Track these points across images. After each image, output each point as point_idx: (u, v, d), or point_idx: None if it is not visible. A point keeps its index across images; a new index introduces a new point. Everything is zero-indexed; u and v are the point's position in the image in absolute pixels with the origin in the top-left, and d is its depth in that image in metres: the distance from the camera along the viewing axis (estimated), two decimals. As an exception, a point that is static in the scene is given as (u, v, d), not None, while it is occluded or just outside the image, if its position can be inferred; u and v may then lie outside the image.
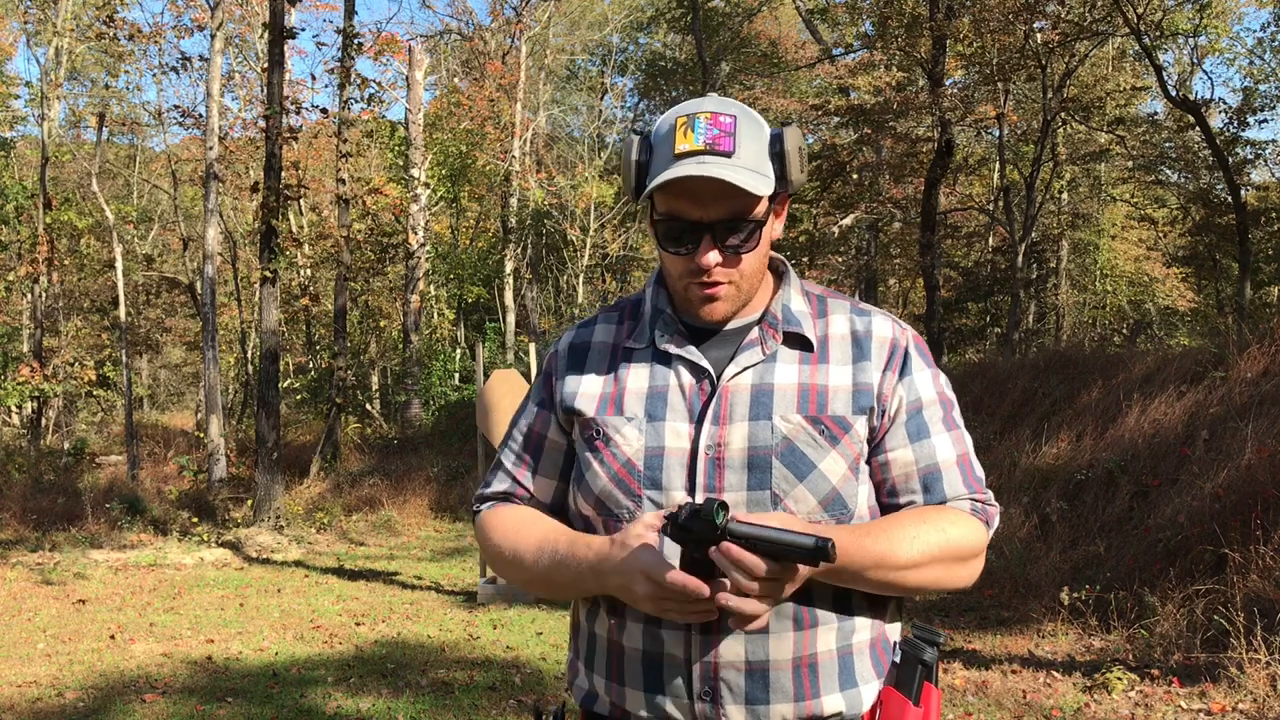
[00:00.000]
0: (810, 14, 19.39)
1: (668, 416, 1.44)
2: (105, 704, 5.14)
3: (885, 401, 1.46)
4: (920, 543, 1.40)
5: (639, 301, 1.58)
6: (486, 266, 22.39)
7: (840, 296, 1.55)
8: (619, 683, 1.45)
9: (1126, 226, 23.43)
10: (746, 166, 1.38)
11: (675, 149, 1.39)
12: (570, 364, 1.55)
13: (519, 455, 1.59)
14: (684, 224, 1.41)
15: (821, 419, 1.42)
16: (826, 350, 1.47)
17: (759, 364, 1.45)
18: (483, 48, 24.93)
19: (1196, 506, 6.31)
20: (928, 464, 1.46)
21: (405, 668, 5.76)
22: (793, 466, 1.40)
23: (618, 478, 1.44)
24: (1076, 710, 4.62)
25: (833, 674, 1.41)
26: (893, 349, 1.48)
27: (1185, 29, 14.16)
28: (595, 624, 1.49)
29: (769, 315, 1.49)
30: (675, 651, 1.40)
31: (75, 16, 18.50)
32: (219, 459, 14.09)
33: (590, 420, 1.48)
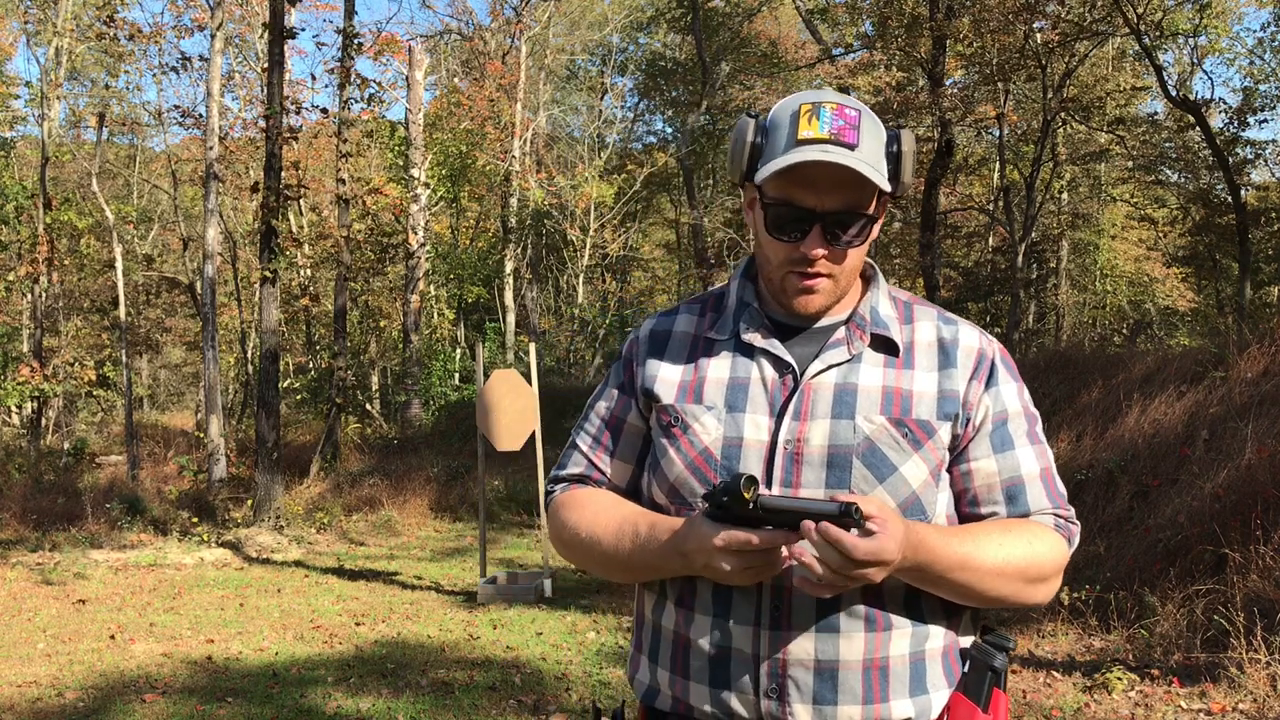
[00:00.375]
0: (810, 14, 19.38)
1: (748, 408, 1.44)
2: (105, 704, 5.15)
3: (971, 410, 1.45)
4: (1005, 551, 1.40)
5: (722, 294, 1.57)
6: (486, 266, 22.39)
7: (926, 304, 1.54)
8: (683, 677, 1.44)
9: (1126, 226, 23.44)
10: (868, 161, 1.37)
11: (799, 134, 1.37)
12: (651, 350, 1.54)
13: (595, 438, 1.58)
14: (796, 211, 1.39)
15: (905, 422, 1.41)
16: (912, 355, 1.47)
17: (844, 364, 1.44)
18: (483, 48, 24.93)
19: (1196, 506, 6.31)
20: (1011, 475, 1.46)
21: (405, 668, 5.76)
22: (873, 467, 1.39)
23: (694, 466, 1.44)
24: (1076, 710, 4.62)
25: (904, 679, 1.40)
26: (979, 359, 1.48)
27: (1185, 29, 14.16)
28: (662, 617, 1.48)
29: (856, 316, 1.48)
30: (744, 647, 1.39)
31: (75, 16, 18.50)
32: (219, 459, 14.09)
33: (668, 407, 1.48)
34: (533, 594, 7.61)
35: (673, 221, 29.50)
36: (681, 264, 28.48)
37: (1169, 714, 4.51)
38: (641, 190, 25.24)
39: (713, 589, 1.40)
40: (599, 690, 5.24)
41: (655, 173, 24.96)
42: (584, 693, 5.21)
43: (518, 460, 12.63)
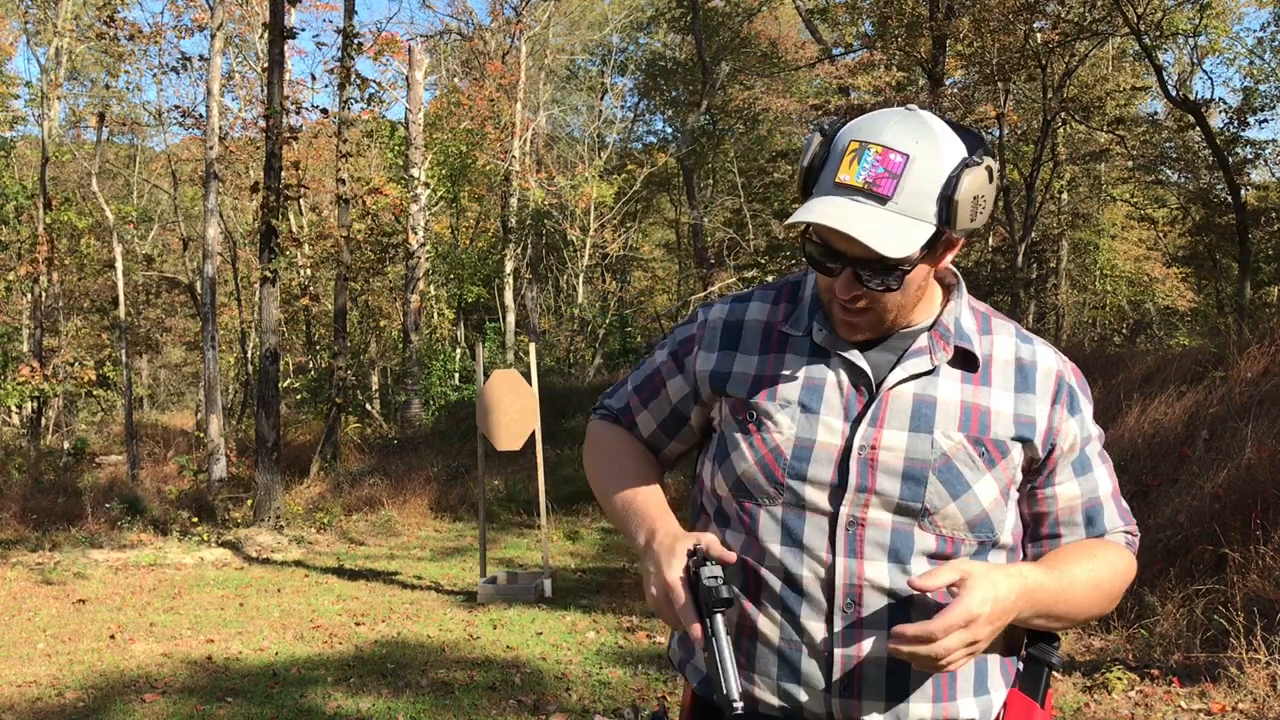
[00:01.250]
0: (810, 14, 19.39)
1: (822, 411, 1.43)
2: (105, 704, 5.15)
3: (1056, 437, 1.46)
4: (1095, 578, 1.44)
5: (799, 284, 1.55)
6: (486, 266, 22.39)
7: (1004, 318, 1.53)
8: (749, 668, 1.44)
9: (1126, 226, 23.44)
10: (902, 213, 1.32)
11: (837, 176, 1.35)
12: (724, 340, 1.53)
13: (640, 385, 1.65)
14: (829, 252, 1.38)
15: (983, 440, 1.41)
16: (989, 372, 1.46)
17: (923, 375, 1.44)
18: (483, 48, 24.93)
19: (1196, 506, 6.31)
20: (1090, 498, 1.49)
21: (405, 668, 5.76)
22: (948, 484, 1.39)
23: (764, 463, 1.43)
24: (1076, 710, 4.62)
25: (969, 679, 1.43)
26: (1059, 383, 1.48)
27: (1185, 29, 14.17)
28: None
29: (940, 325, 1.46)
30: (816, 644, 1.40)
31: (75, 16, 18.51)
32: (219, 459, 14.09)
33: (743, 402, 1.47)
34: (533, 594, 7.61)
35: (673, 221, 29.51)
36: (681, 264, 28.50)
37: (1169, 714, 4.51)
38: (641, 190, 25.23)
39: (782, 583, 1.42)
40: (599, 690, 5.24)
41: (655, 173, 24.97)
42: (584, 693, 5.21)
43: (518, 460, 12.64)
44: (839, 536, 1.39)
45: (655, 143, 28.31)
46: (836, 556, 1.39)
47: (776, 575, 1.42)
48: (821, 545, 1.40)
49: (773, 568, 1.42)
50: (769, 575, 1.43)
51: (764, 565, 1.43)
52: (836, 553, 1.39)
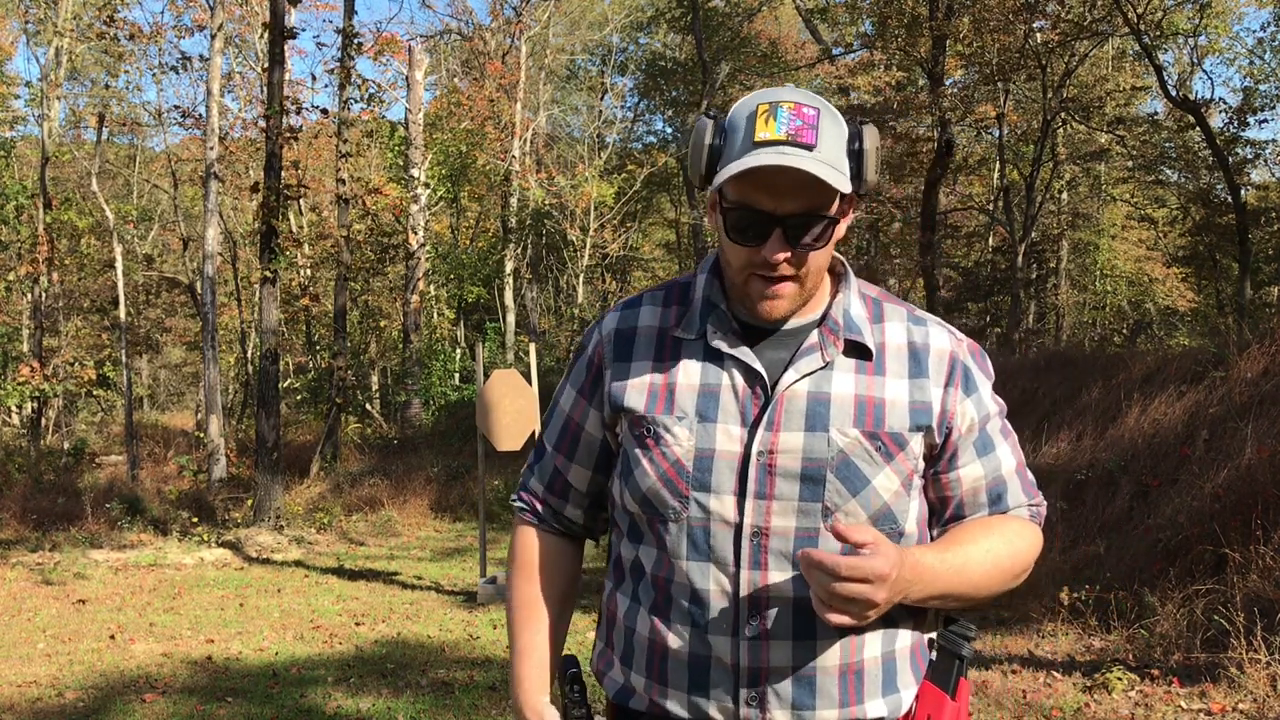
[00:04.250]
0: (810, 14, 19.39)
1: (719, 418, 1.41)
2: (105, 704, 5.14)
3: (952, 419, 1.45)
4: (993, 553, 1.43)
5: (689, 285, 1.53)
6: (486, 266, 22.39)
7: (895, 301, 1.52)
8: (660, 683, 1.44)
9: (1126, 226, 23.44)
10: (827, 161, 1.34)
11: (755, 136, 1.34)
12: (617, 353, 1.50)
13: (559, 441, 1.59)
14: (755, 215, 1.36)
15: (879, 435, 1.40)
16: (883, 360, 1.44)
17: (817, 372, 1.42)
18: (483, 48, 24.93)
19: (1196, 506, 6.31)
20: (994, 476, 1.48)
21: (405, 668, 5.76)
22: (847, 481, 1.39)
23: (666, 477, 1.42)
24: (1076, 710, 4.62)
25: (877, 680, 1.42)
26: (952, 364, 1.46)
27: (1185, 29, 14.17)
28: (636, 621, 1.47)
29: (829, 319, 1.45)
30: (723, 656, 1.39)
31: (75, 16, 18.50)
32: (219, 459, 14.09)
33: (641, 418, 1.45)
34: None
35: (673, 221, 29.51)
36: (681, 264, 28.49)
37: (1169, 714, 4.51)
38: (641, 190, 25.23)
39: (689, 598, 1.41)
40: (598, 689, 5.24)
41: (655, 173, 24.97)
42: (584, 693, 5.20)
43: (518, 460, 12.63)
44: (744, 547, 1.38)
45: (655, 143, 28.32)
46: (741, 568, 1.38)
47: (684, 590, 1.41)
48: (727, 558, 1.38)
49: (680, 584, 1.41)
50: (677, 592, 1.42)
51: (673, 580, 1.42)
52: (741, 564, 1.38)
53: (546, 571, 1.61)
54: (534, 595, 1.60)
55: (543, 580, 1.60)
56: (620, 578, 1.52)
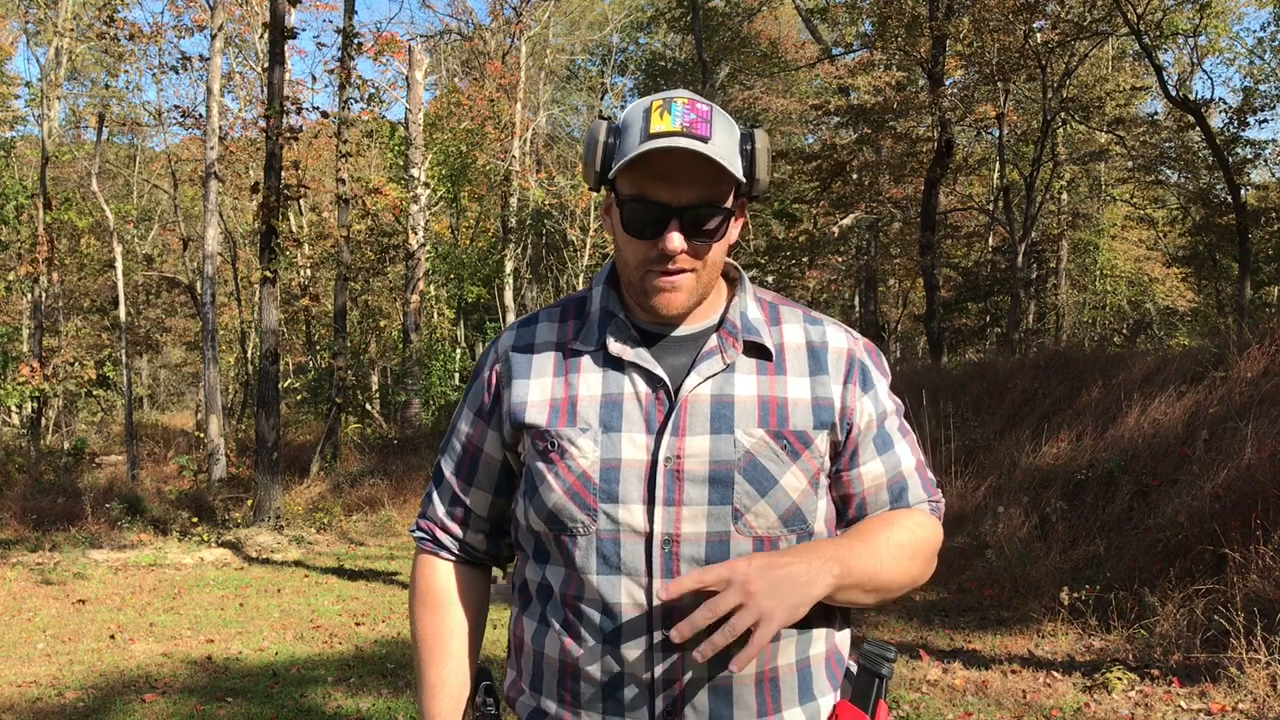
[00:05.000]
0: (810, 14, 19.40)
1: (624, 427, 1.39)
2: (105, 704, 5.14)
3: (852, 416, 1.44)
4: (895, 543, 1.42)
5: (584, 300, 1.51)
6: (486, 266, 22.40)
7: (790, 304, 1.52)
8: (574, 705, 1.41)
9: (1126, 226, 23.44)
10: (720, 155, 1.33)
11: (650, 129, 1.34)
12: (515, 370, 1.47)
13: (457, 466, 1.55)
14: (651, 206, 1.35)
15: (784, 433, 1.39)
16: (783, 360, 1.44)
17: (718, 374, 1.41)
18: (483, 48, 24.94)
19: (1196, 506, 6.31)
20: (894, 474, 1.48)
21: (405, 668, 5.76)
22: (755, 481, 1.37)
23: (573, 491, 1.38)
24: (1076, 710, 4.62)
25: (793, 688, 1.40)
26: (850, 361, 1.46)
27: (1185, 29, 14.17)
28: (544, 643, 1.43)
29: (727, 323, 1.44)
30: (638, 671, 1.36)
31: (75, 16, 18.51)
32: (219, 459, 14.09)
33: (544, 432, 1.41)
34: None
35: (673, 221, 29.47)
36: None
37: (1169, 714, 4.50)
38: (641, 190, 25.20)
39: (600, 615, 1.38)
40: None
41: (655, 173, 24.93)
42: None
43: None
44: (655, 556, 1.36)
45: (655, 143, 28.29)
46: (654, 578, 1.35)
47: (595, 606, 1.38)
48: (639, 568, 1.36)
49: (591, 599, 1.38)
50: (588, 608, 1.39)
51: (583, 598, 1.39)
52: (654, 574, 1.35)
53: (451, 602, 1.55)
54: (439, 628, 1.55)
55: (447, 612, 1.55)
56: (526, 601, 1.48)
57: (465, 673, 1.54)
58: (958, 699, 4.81)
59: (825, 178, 17.85)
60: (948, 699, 4.82)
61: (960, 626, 6.31)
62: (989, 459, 8.97)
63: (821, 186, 18.22)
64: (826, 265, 22.11)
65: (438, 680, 1.53)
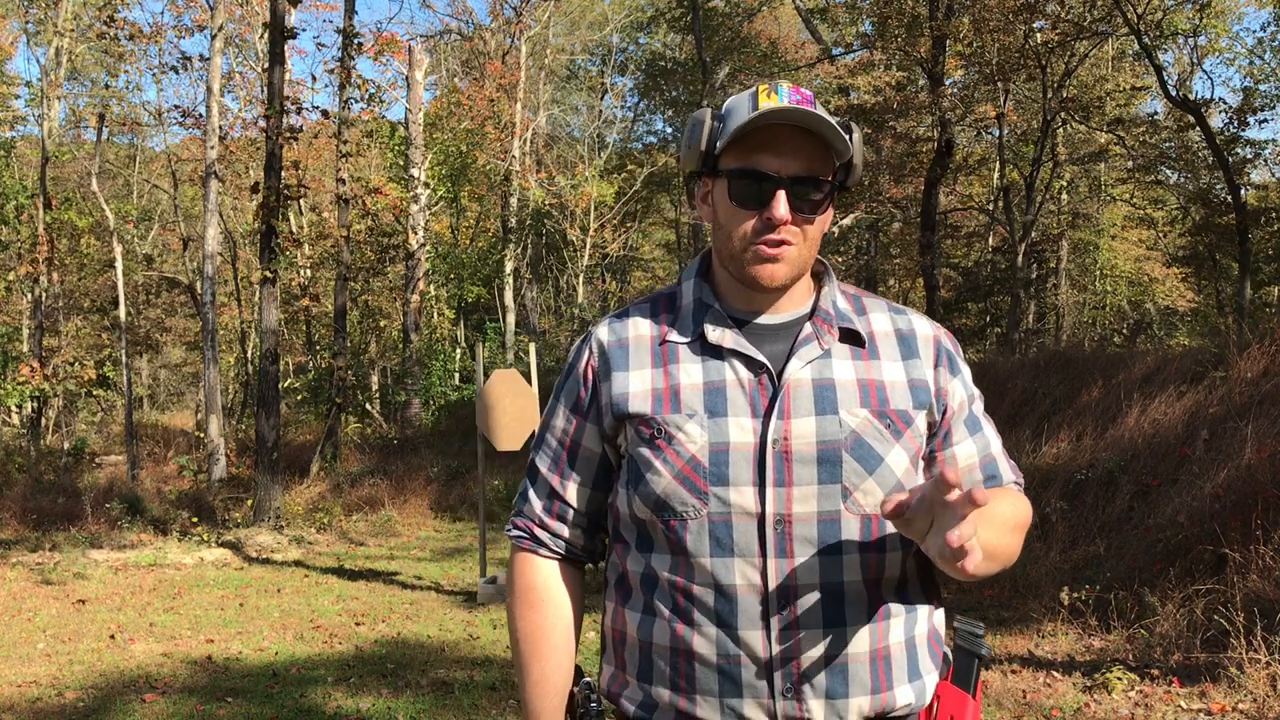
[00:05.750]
0: (810, 14, 19.39)
1: (730, 411, 1.42)
2: (105, 704, 5.15)
3: (946, 398, 1.50)
4: (1000, 520, 1.45)
5: (673, 295, 1.55)
6: (486, 266, 22.40)
7: (873, 296, 1.58)
8: (689, 690, 1.42)
9: (1126, 226, 23.44)
10: (825, 129, 1.40)
11: (759, 105, 1.39)
12: (614, 364, 1.50)
13: (554, 461, 1.57)
14: (760, 178, 1.40)
15: (886, 412, 1.44)
16: (876, 346, 1.49)
17: (817, 359, 1.45)
18: (483, 48, 24.94)
19: (1196, 506, 6.31)
20: (985, 454, 1.53)
21: (405, 668, 5.76)
22: (862, 460, 1.41)
23: (683, 475, 1.41)
24: (1076, 710, 4.62)
25: (903, 665, 1.44)
26: (938, 347, 1.52)
27: (1185, 29, 14.16)
28: (653, 633, 1.45)
29: (820, 311, 1.49)
30: (755, 652, 1.39)
31: (75, 16, 18.51)
32: (219, 459, 14.10)
33: (649, 419, 1.44)
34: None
35: (673, 221, 29.51)
36: (681, 264, 28.49)
37: (1169, 714, 4.51)
38: (641, 190, 25.23)
39: (715, 598, 1.40)
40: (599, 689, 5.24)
41: (655, 173, 24.97)
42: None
43: (518, 460, 12.64)
44: (768, 537, 1.39)
45: (655, 143, 28.31)
46: (768, 558, 1.38)
47: (708, 589, 1.40)
48: (753, 549, 1.38)
49: (704, 583, 1.40)
50: (700, 591, 1.41)
51: (695, 582, 1.41)
52: (768, 554, 1.38)
53: (551, 599, 1.58)
54: (541, 624, 1.57)
55: (547, 608, 1.57)
56: (626, 595, 1.50)
57: (567, 669, 1.59)
58: (958, 699, 4.80)
59: (825, 178, 17.80)
60: (948, 699, 4.81)
61: (960, 626, 6.30)
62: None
63: (821, 186, 18.16)
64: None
65: (541, 676, 1.57)
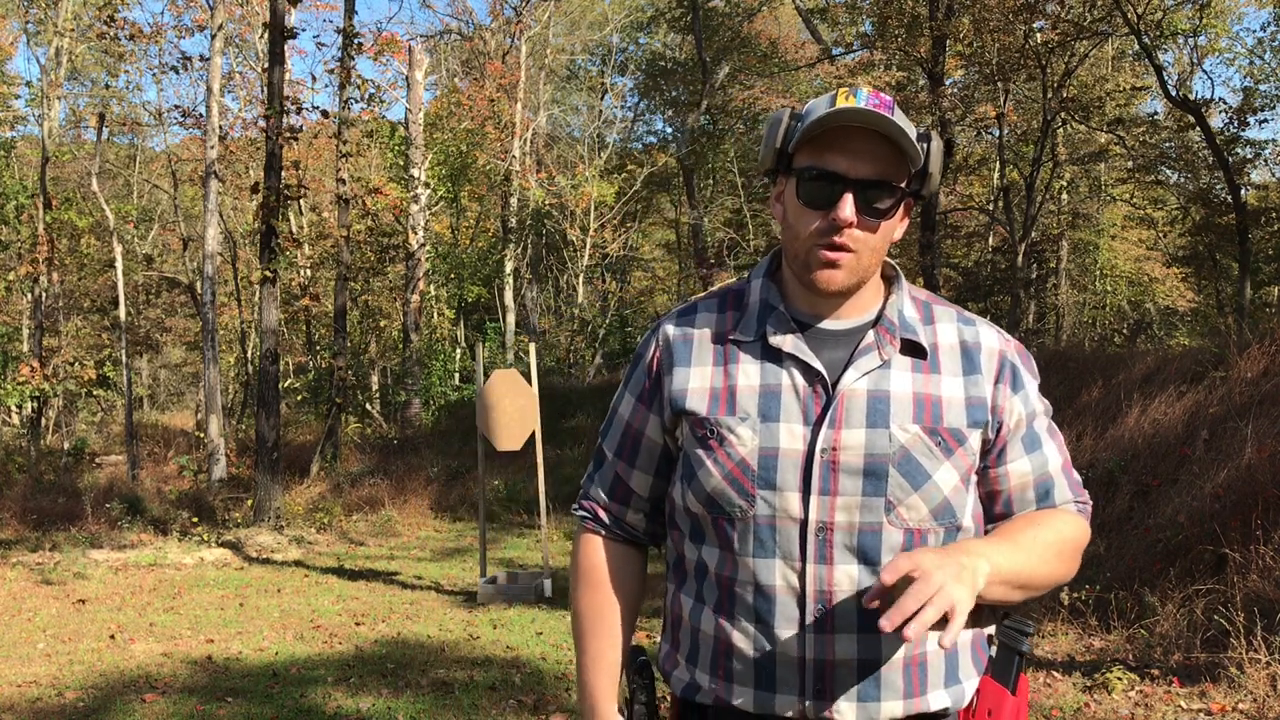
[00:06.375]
0: (810, 14, 19.39)
1: (782, 417, 1.44)
2: (105, 704, 5.15)
3: (1002, 415, 1.49)
4: (1041, 541, 1.45)
5: (742, 292, 1.56)
6: (486, 266, 22.39)
7: (944, 303, 1.57)
8: (726, 680, 1.46)
9: (1126, 226, 23.43)
10: (899, 135, 1.40)
11: (836, 105, 1.39)
12: (677, 358, 1.53)
13: (619, 447, 1.61)
14: (829, 178, 1.40)
15: (939, 430, 1.44)
16: (938, 359, 1.49)
17: (875, 370, 1.45)
18: (483, 48, 24.94)
19: (1196, 506, 6.31)
20: (1041, 473, 1.52)
21: (405, 668, 5.76)
22: (909, 475, 1.41)
23: (731, 477, 1.44)
24: (1076, 710, 4.62)
25: (939, 671, 1.45)
26: (1002, 362, 1.51)
27: (1185, 29, 14.17)
28: (700, 620, 1.50)
29: (885, 319, 1.48)
30: (789, 651, 1.41)
31: (75, 16, 18.50)
32: (219, 459, 14.10)
33: (703, 419, 1.47)
34: (533, 594, 7.61)
35: (673, 221, 29.51)
36: (681, 264, 28.49)
37: (1169, 714, 4.51)
38: (641, 190, 25.22)
39: (754, 596, 1.43)
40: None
41: (655, 173, 24.96)
42: (584, 693, 5.20)
43: (518, 460, 12.63)
44: (809, 542, 1.41)
45: (655, 143, 28.29)
46: (807, 563, 1.41)
47: (749, 588, 1.44)
48: (794, 553, 1.41)
49: (745, 581, 1.44)
50: (741, 589, 1.44)
51: (737, 579, 1.45)
52: (807, 559, 1.41)
53: (612, 579, 1.62)
54: (600, 603, 1.61)
55: (608, 588, 1.62)
56: (683, 579, 1.54)
57: (622, 648, 1.61)
58: (958, 699, 4.81)
59: (825, 178, 17.80)
60: (948, 699, 4.81)
61: (960, 626, 6.30)
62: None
63: (821, 186, 18.16)
64: (826, 265, 22.08)
65: (597, 653, 1.60)
